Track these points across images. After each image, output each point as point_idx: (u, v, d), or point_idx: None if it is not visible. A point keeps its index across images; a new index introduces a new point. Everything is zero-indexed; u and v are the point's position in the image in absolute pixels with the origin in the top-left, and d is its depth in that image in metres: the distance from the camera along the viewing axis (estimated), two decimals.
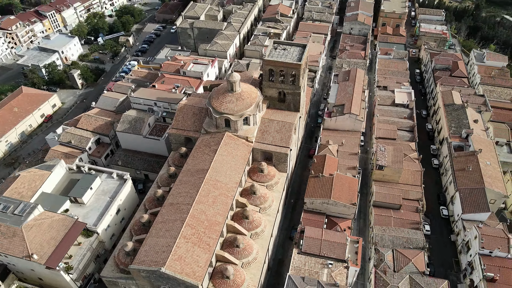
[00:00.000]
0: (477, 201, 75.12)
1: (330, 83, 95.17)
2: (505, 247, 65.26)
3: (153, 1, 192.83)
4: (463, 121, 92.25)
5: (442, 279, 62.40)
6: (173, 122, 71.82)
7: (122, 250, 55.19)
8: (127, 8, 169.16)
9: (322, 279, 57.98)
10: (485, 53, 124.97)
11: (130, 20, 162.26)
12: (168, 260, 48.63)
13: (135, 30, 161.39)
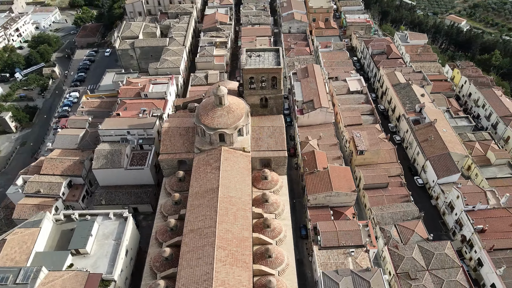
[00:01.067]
0: (447, 165, 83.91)
1: (291, 82, 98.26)
2: (484, 200, 74.09)
3: (65, 26, 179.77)
4: (413, 97, 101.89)
5: (444, 241, 69.00)
6: (161, 147, 68.85)
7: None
8: (41, 36, 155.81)
9: (349, 267, 60.57)
10: (407, 34, 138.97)
11: (48, 49, 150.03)
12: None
13: (56, 59, 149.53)
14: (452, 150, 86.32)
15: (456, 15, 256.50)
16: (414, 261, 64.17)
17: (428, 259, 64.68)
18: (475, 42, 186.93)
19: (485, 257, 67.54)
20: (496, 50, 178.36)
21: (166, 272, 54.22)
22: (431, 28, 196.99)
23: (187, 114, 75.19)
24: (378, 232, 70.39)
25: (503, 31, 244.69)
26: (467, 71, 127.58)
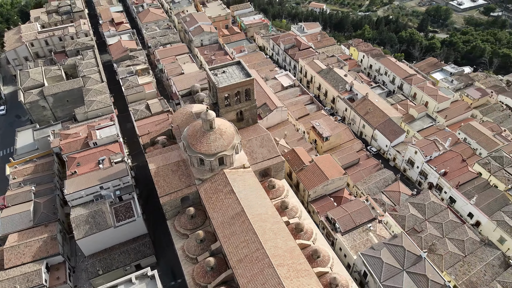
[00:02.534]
0: (393, 129, 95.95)
1: None
2: (436, 148, 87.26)
3: None
4: (338, 78, 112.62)
5: (424, 191, 79.51)
6: (158, 190, 63.61)
7: None
8: None
9: (374, 241, 65.86)
10: (302, 25, 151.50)
11: None
12: None
13: None
14: (391, 115, 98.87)
15: (315, 1, 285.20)
16: (414, 217, 72.74)
17: (422, 211, 73.98)
18: (346, 22, 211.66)
19: (456, 193, 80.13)
20: (366, 25, 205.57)
21: None
22: (308, 17, 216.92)
23: (165, 149, 70.54)
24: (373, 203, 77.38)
25: (355, 8, 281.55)
26: (361, 47, 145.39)
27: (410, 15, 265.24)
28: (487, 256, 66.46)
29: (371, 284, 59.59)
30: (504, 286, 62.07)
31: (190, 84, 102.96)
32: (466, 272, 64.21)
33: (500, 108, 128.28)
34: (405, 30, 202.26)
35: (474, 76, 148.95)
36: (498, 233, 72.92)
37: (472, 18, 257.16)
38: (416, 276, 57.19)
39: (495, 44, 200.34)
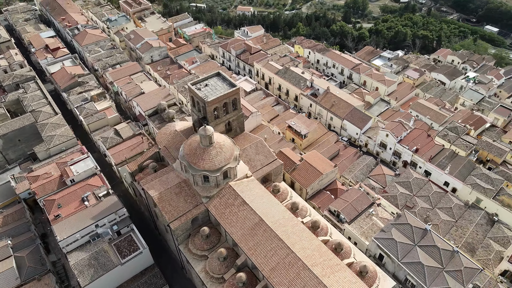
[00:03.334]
0: (361, 117, 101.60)
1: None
2: (403, 128, 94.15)
3: None
4: (297, 77, 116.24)
5: (405, 170, 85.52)
6: (166, 216, 60.69)
7: None
8: None
9: (379, 224, 69.55)
10: (245, 29, 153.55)
11: None
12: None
13: None
14: (355, 104, 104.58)
15: (241, 6, 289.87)
16: (404, 194, 78.02)
17: (409, 188, 79.62)
18: (279, 22, 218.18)
19: (431, 166, 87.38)
20: (299, 23, 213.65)
21: None
22: (242, 21, 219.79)
23: (159, 173, 67.43)
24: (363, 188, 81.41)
25: (280, 8, 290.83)
26: (305, 44, 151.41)
27: (331, 9, 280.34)
28: (474, 217, 73.63)
29: (388, 265, 62.88)
30: (495, 240, 69.30)
31: (155, 103, 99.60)
32: (461, 235, 70.57)
33: (436, 84, 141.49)
34: (334, 23, 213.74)
35: (407, 58, 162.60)
36: (474, 195, 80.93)
37: (386, 6, 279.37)
38: (428, 248, 61.58)
39: (413, 27, 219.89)
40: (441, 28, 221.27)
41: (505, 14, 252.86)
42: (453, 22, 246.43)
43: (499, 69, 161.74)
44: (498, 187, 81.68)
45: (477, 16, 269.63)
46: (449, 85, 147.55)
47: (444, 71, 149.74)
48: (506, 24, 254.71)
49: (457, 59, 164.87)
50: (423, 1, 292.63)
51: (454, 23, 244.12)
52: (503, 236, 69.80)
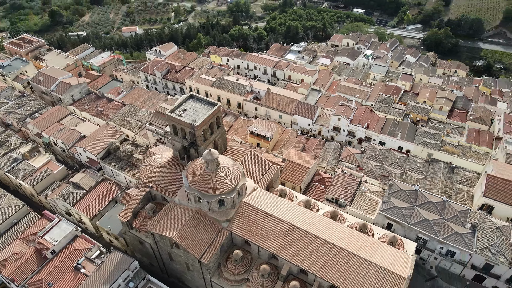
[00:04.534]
0: (308, 108, 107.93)
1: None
2: (350, 109, 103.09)
3: None
4: (234, 85, 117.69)
5: (366, 145, 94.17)
6: (194, 253, 57.08)
7: None
8: None
9: (375, 198, 75.86)
10: (157, 49, 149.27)
11: None
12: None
13: None
14: (295, 97, 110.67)
15: (125, 26, 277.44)
16: (377, 167, 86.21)
17: (378, 160, 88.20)
18: (177, 36, 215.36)
19: (384, 137, 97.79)
20: (198, 33, 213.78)
21: None
22: (142, 41, 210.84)
23: (163, 213, 62.63)
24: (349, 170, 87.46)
25: (165, 23, 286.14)
26: (220, 52, 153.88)
27: (217, 15, 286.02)
28: (438, 169, 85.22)
29: (398, 230, 69.21)
30: (461, 183, 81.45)
31: (104, 143, 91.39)
32: (436, 187, 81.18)
33: (344, 66, 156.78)
34: (231, 28, 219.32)
35: (311, 48, 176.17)
36: (425, 152, 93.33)
37: (267, 5, 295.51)
38: (425, 205, 69.76)
39: (300, 20, 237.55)
40: (323, 17, 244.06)
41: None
42: (329, 10, 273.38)
43: (385, 43, 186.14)
44: (439, 140, 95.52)
45: (344, 1, 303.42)
46: (353, 65, 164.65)
47: (345, 54, 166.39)
48: (368, 5, 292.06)
49: (351, 41, 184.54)
50: None
51: (330, 11, 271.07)
52: (465, 178, 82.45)
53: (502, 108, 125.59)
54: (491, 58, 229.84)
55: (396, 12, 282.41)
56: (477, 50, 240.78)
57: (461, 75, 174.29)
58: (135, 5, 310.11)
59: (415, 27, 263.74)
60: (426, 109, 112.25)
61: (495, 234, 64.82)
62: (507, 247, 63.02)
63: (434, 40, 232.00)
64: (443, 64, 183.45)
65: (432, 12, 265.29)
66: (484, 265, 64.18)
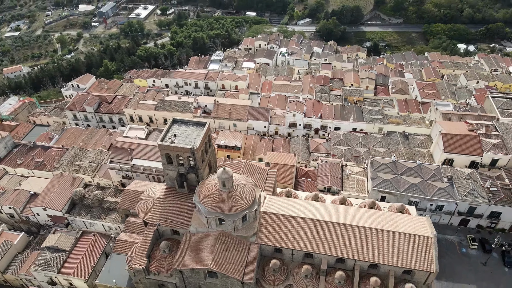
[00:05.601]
0: (260, 112, 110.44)
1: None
2: (300, 104, 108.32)
3: None
4: (178, 102, 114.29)
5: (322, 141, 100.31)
6: (236, 276, 54.92)
7: None
8: None
9: (361, 178, 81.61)
10: (73, 83, 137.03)
11: None
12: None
13: None
14: (244, 104, 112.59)
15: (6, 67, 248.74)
16: (347, 149, 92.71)
17: (344, 144, 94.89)
18: (79, 67, 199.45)
19: (339, 122, 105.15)
20: (104, 60, 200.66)
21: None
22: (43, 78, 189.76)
23: (184, 246, 58.53)
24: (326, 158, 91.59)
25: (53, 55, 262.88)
26: (143, 75, 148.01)
27: (112, 39, 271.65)
28: (396, 140, 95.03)
29: (391, 200, 75.75)
30: (419, 146, 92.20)
31: (65, 195, 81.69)
32: (401, 154, 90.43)
33: (266, 67, 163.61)
34: (137, 49, 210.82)
35: (230, 55, 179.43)
36: (377, 127, 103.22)
37: (161, 21, 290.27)
38: (406, 172, 77.69)
39: (202, 31, 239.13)
40: (223, 24, 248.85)
41: (254, 1, 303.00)
42: (225, 17, 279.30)
43: (293, 40, 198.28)
44: (383, 114, 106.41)
45: (234, 7, 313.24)
46: (273, 63, 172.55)
47: (263, 55, 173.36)
48: (258, 8, 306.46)
49: (263, 42, 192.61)
50: (185, 7, 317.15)
51: (226, 17, 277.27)
52: (420, 142, 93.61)
53: (410, 78, 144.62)
54: (374, 38, 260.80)
55: (285, 10, 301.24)
56: (361, 34, 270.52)
57: (362, 57, 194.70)
58: (9, 42, 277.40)
59: (305, 21, 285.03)
60: (360, 90, 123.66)
61: (469, 181, 75.41)
62: (482, 189, 73.92)
63: (326, 30, 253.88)
64: (345, 50, 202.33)
65: (316, 6, 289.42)
66: (468, 209, 74.27)
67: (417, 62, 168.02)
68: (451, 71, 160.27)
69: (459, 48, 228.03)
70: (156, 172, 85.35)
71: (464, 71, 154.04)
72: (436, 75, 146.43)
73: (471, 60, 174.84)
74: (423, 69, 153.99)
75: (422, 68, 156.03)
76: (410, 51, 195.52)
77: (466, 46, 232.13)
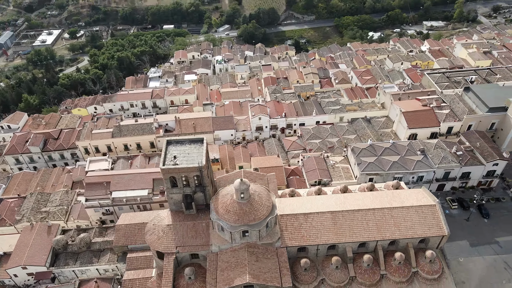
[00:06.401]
0: (224, 120, 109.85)
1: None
2: (263, 106, 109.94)
3: None
4: (138, 126, 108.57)
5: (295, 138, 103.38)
6: (274, 283, 54.37)
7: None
8: None
9: (345, 165, 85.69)
10: (3, 124, 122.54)
11: None
12: None
13: None
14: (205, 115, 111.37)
15: None
16: (321, 142, 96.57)
17: (317, 137, 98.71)
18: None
19: (303, 118, 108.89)
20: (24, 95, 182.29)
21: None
22: None
23: (211, 270, 56.09)
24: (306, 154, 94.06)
25: None
26: (81, 104, 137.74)
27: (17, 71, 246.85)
28: (361, 125, 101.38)
29: (378, 179, 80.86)
30: (382, 128, 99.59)
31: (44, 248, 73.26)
32: (370, 137, 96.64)
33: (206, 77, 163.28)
34: (59, 78, 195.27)
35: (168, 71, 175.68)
36: (338, 117, 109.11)
37: (73, 45, 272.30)
38: (385, 152, 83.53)
39: (126, 49, 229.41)
40: (145, 41, 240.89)
41: (165, 13, 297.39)
42: (143, 33, 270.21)
43: (225, 47, 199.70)
44: (340, 104, 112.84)
45: (149, 22, 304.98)
46: (211, 72, 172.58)
47: (200, 66, 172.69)
48: (173, 20, 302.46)
49: (195, 53, 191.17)
50: (96, 28, 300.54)
51: (146, 33, 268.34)
52: (382, 123, 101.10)
53: (345, 68, 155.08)
54: (294, 36, 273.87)
55: (202, 19, 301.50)
56: (281, 33, 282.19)
57: (292, 55, 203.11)
58: None
59: (224, 28, 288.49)
60: (310, 85, 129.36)
61: (438, 150, 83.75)
62: (451, 155, 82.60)
63: (247, 34, 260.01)
64: (274, 50, 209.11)
65: (233, 12, 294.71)
66: (444, 174, 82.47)
67: (345, 53, 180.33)
68: (375, 57, 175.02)
69: (371, 35, 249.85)
70: (141, 201, 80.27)
71: (386, 56, 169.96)
72: (367, 62, 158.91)
73: (388, 45, 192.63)
74: (353, 58, 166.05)
75: (352, 57, 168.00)
76: (335, 44, 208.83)
77: (375, 34, 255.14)
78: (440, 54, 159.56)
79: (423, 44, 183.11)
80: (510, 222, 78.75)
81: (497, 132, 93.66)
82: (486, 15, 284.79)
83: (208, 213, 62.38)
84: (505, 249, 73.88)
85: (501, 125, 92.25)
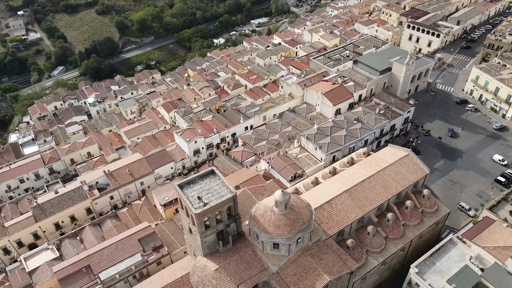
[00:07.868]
0: (160, 155, 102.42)
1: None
2: (194, 129, 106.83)
3: None
4: (62, 196, 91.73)
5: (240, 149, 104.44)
6: (346, 271, 56.71)
7: None
8: None
9: (308, 153, 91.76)
10: None
11: None
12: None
13: None
14: (136, 158, 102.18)
15: None
16: (268, 142, 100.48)
17: (260, 140, 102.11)
18: None
19: (233, 128, 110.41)
20: None
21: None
22: None
23: None
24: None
25: None
26: None
27: None
28: (290, 116, 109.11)
29: (339, 155, 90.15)
30: (307, 113, 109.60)
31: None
32: (306, 126, 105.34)
33: (91, 123, 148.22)
34: None
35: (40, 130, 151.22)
36: (261, 117, 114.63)
37: None
38: (333, 130, 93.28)
39: None
40: None
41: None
42: None
43: (86, 87, 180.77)
44: (255, 106, 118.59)
45: None
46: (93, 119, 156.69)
47: (71, 116, 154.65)
48: None
49: (57, 103, 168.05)
50: None
51: None
52: (305, 109, 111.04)
53: (226, 75, 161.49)
54: (141, 60, 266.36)
55: (25, 67, 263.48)
56: (128, 61, 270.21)
57: (157, 78, 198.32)
58: None
59: (59, 70, 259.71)
60: (214, 98, 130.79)
61: (367, 114, 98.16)
62: (378, 115, 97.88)
63: (92, 70, 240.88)
64: (139, 78, 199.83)
65: (62, 51, 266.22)
66: (380, 132, 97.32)
67: (214, 62, 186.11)
68: (241, 59, 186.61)
69: (217, 42, 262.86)
70: (136, 268, 69.81)
71: (250, 55, 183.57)
72: (242, 65, 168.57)
73: (246, 46, 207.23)
74: (227, 64, 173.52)
75: (226, 64, 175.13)
76: (196, 56, 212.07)
77: (220, 40, 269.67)
78: (295, 42, 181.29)
79: (273, 38, 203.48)
80: (434, 151, 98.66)
81: (389, 89, 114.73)
82: (294, 5, 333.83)
83: (245, 240, 60.38)
84: (444, 171, 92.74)
85: (390, 82, 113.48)
